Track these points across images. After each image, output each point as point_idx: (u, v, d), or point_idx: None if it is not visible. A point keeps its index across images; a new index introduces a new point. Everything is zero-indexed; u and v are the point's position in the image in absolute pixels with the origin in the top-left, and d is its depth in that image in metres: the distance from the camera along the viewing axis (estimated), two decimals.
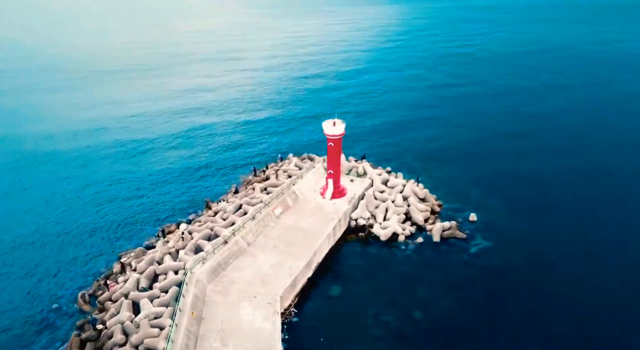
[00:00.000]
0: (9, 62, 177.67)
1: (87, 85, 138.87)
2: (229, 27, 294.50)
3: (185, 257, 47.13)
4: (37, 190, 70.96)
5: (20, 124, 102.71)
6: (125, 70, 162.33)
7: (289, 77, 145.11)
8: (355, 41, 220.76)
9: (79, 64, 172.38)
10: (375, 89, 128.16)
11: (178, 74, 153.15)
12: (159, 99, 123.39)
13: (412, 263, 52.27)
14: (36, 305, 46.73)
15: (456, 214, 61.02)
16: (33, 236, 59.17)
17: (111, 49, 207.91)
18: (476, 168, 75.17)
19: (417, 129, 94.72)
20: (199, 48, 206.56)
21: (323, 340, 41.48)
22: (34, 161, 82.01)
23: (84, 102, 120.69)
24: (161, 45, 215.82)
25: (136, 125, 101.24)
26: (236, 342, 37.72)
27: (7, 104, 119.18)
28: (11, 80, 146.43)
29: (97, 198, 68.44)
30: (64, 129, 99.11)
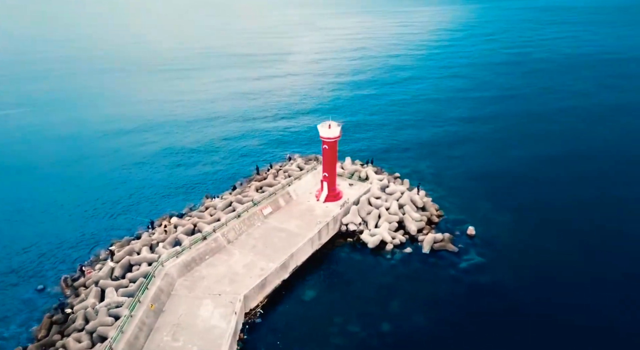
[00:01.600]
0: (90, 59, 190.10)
1: (150, 81, 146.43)
2: (278, 26, 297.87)
3: (162, 250, 47.97)
4: (57, 173, 75.27)
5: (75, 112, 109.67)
6: (177, 68, 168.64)
7: (330, 80, 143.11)
8: (406, 44, 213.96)
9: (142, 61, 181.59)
10: (414, 96, 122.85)
11: (216, 72, 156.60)
12: (198, 94, 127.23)
13: (395, 273, 50.27)
14: (23, 283, 49.27)
15: (455, 227, 58.08)
16: (39, 215, 62.60)
17: (169, 49, 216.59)
18: (495, 183, 70.49)
19: (444, 139, 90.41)
20: (246, 47, 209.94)
21: (280, 343, 40.78)
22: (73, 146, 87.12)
23: (143, 96, 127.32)
24: (214, 45, 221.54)
25: (172, 119, 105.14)
26: (186, 337, 37.81)
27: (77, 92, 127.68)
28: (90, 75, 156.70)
29: (111, 184, 71.79)
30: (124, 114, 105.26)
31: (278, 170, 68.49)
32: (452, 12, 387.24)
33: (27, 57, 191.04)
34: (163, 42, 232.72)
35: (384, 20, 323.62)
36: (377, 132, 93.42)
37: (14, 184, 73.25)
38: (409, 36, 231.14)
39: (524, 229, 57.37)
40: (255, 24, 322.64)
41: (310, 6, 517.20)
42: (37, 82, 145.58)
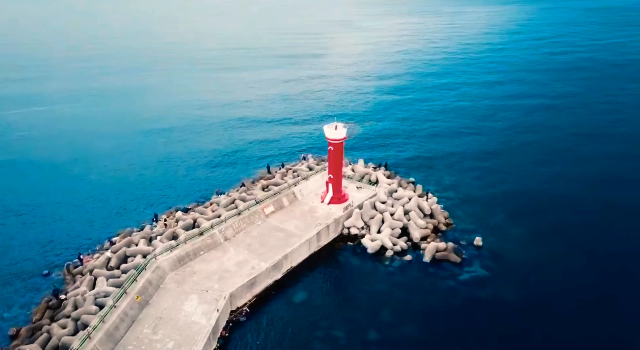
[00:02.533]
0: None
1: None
2: (318, 26, 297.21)
3: (158, 243, 48.75)
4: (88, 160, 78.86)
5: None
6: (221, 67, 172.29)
7: (364, 83, 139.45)
8: (451, 47, 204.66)
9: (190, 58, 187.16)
10: (450, 103, 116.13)
11: (251, 72, 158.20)
12: (233, 93, 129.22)
13: (391, 281, 48.82)
14: (31, 268, 51.41)
15: (463, 236, 55.74)
16: (56, 203, 65.62)
17: (213, 48, 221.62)
18: (516, 198, 65.67)
19: (473, 148, 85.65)
20: (284, 48, 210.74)
21: (260, 343, 40.50)
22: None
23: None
24: (254, 45, 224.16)
25: (203, 116, 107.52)
26: (166, 331, 38.18)
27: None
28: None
29: (132, 176, 74.68)
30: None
31: (288, 169, 68.19)
32: (507, 12, 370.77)
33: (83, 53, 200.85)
34: (210, 41, 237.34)
35: (431, 21, 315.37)
36: (405, 138, 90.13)
37: (44, 173, 76.98)
38: (455, 39, 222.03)
39: (537, 245, 53.82)
40: (297, 24, 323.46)
41: (356, 5, 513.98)
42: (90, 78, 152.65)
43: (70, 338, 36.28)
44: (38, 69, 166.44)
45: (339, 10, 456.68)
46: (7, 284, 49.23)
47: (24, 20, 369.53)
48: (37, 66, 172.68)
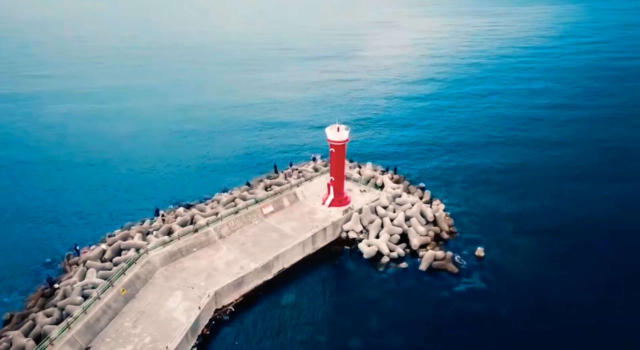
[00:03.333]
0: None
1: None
2: (357, 26, 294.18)
3: (152, 238, 49.35)
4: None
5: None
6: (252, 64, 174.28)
7: (395, 86, 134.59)
8: (493, 50, 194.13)
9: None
10: (483, 110, 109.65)
11: (283, 71, 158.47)
12: (263, 92, 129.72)
13: (383, 288, 47.57)
14: (37, 254, 53.13)
15: (466, 246, 53.70)
16: (73, 192, 68.50)
17: (250, 45, 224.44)
18: (534, 210, 61.69)
19: (498, 156, 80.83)
20: (321, 49, 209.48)
21: (237, 343, 40.34)
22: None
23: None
24: (289, 45, 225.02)
25: (232, 113, 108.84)
26: (145, 326, 38.53)
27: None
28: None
29: (149, 168, 77.26)
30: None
31: (294, 170, 67.77)
32: (556, 13, 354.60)
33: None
34: (244, 40, 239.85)
35: (474, 22, 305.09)
36: (426, 145, 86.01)
37: (69, 164, 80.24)
38: (495, 42, 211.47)
39: (545, 265, 50.02)
40: (337, 23, 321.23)
41: (402, 5, 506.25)
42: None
43: (52, 327, 37.05)
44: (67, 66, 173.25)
45: (382, 10, 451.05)
46: (12, 269, 50.98)
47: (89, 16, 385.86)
48: (66, 63, 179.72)
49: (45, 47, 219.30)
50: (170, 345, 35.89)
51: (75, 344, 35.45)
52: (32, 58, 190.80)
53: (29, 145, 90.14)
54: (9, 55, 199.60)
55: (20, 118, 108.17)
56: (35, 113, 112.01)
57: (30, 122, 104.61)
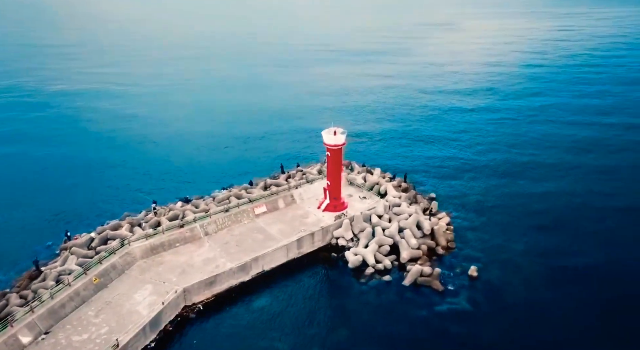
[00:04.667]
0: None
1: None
2: (414, 26, 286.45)
3: (138, 230, 50.26)
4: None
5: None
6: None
7: (442, 89, 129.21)
8: (558, 53, 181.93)
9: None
10: (533, 119, 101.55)
11: (328, 72, 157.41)
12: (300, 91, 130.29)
13: (361, 300, 45.58)
14: (37, 237, 55.53)
15: (461, 263, 50.35)
16: (93, 178, 71.98)
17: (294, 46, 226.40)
18: (556, 237, 55.58)
19: (539, 179, 72.07)
20: (372, 50, 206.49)
21: (196, 343, 40.00)
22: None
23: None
24: (342, 46, 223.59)
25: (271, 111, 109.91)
26: (107, 316, 39.16)
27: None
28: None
29: (168, 160, 79.52)
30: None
31: (299, 171, 66.79)
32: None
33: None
34: (294, 40, 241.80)
35: (541, 24, 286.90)
36: (461, 160, 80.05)
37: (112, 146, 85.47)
38: (563, 47, 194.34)
39: (547, 291, 45.76)
40: (393, 23, 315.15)
41: (465, 5, 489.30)
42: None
43: (18, 309, 38.44)
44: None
45: (442, 10, 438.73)
46: (18, 248, 53.25)
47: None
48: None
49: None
50: (122, 338, 36.04)
51: (35, 328, 36.55)
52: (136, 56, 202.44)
53: (99, 137, 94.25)
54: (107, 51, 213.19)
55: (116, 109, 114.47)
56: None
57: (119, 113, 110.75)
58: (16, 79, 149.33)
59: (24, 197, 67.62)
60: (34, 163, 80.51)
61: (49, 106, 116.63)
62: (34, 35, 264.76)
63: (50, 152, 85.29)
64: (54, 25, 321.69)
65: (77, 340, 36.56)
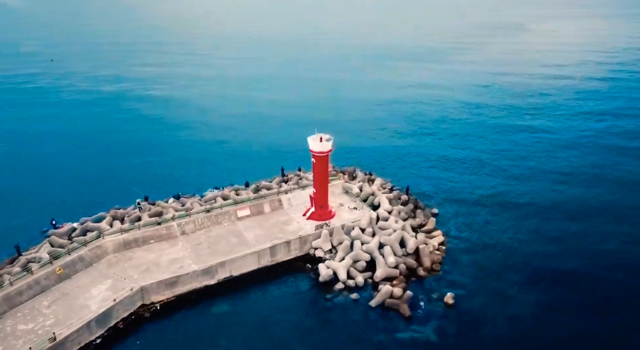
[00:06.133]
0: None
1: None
2: (481, 28, 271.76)
3: (117, 224, 50.98)
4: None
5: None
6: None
7: (490, 98, 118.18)
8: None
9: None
10: (584, 136, 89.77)
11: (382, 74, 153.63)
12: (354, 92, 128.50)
13: (321, 317, 43.49)
14: (38, 218, 57.42)
15: (440, 288, 46.55)
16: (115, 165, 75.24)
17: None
18: (570, 264, 50.04)
19: (572, 196, 65.49)
20: (423, 51, 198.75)
21: (141, 342, 39.67)
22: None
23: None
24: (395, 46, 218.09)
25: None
26: (58, 308, 39.87)
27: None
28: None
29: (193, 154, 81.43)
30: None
31: (296, 175, 65.13)
32: None
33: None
34: (352, 40, 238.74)
35: (624, 28, 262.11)
36: (489, 170, 74.64)
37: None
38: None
39: (535, 330, 41.37)
40: (458, 24, 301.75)
41: (544, 5, 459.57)
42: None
43: None
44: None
45: (512, 10, 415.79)
46: (20, 230, 55.47)
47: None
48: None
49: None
50: (62, 332, 36.35)
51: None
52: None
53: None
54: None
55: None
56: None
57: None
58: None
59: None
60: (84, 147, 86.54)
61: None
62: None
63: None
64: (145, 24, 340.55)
65: (22, 329, 37.35)
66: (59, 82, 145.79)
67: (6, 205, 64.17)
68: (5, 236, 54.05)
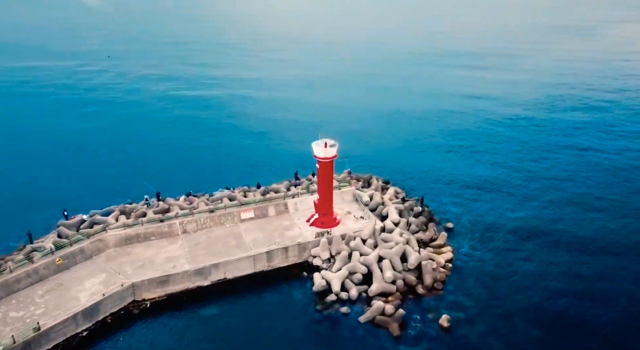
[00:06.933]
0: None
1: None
2: (532, 30, 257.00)
3: (122, 218, 52.06)
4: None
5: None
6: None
7: (540, 112, 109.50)
8: None
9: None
10: None
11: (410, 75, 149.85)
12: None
13: (308, 329, 42.18)
14: (58, 208, 59.50)
15: (440, 309, 43.94)
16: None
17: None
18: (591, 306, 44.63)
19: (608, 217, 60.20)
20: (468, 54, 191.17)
21: (123, 340, 40.08)
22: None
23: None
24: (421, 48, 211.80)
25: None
26: (50, 298, 41.09)
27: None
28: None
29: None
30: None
31: (308, 179, 64.09)
32: None
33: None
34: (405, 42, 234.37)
35: None
36: (523, 190, 68.72)
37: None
38: None
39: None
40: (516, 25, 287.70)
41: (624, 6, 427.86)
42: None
43: None
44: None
45: (579, 11, 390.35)
46: (42, 218, 57.91)
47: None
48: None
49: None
50: (47, 322, 37.30)
51: None
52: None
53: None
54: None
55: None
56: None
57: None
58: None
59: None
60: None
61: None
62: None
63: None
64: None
65: (12, 316, 38.70)
66: (113, 79, 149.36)
67: (39, 195, 67.04)
68: (28, 224, 56.06)
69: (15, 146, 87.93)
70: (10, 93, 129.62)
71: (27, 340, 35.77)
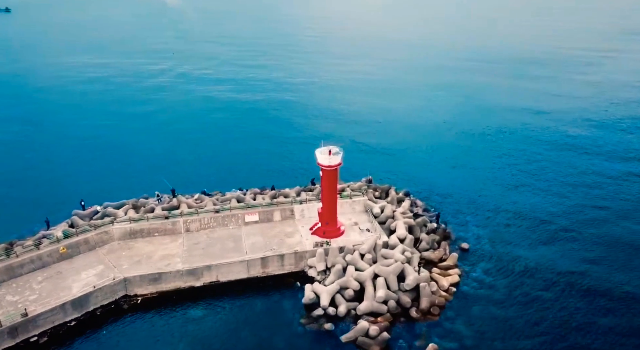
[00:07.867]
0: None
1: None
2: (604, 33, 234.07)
3: (131, 212, 53.59)
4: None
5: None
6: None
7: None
8: None
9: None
10: None
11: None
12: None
13: (290, 343, 40.93)
14: (66, 198, 62.36)
15: (431, 337, 41.22)
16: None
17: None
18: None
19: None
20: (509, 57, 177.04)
21: (106, 334, 41.16)
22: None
23: None
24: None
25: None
26: (45, 285, 42.98)
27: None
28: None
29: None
30: None
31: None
32: None
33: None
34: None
35: None
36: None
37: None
38: None
39: None
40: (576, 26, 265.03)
41: None
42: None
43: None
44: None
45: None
46: (70, 204, 60.72)
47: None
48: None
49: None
50: (35, 308, 38.99)
51: None
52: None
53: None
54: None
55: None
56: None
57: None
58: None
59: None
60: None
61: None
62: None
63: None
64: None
65: (8, 300, 40.82)
66: (174, 79, 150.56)
67: (71, 184, 70.65)
68: (57, 209, 59.08)
69: (62, 141, 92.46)
70: (67, 91, 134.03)
71: (14, 325, 37.41)
